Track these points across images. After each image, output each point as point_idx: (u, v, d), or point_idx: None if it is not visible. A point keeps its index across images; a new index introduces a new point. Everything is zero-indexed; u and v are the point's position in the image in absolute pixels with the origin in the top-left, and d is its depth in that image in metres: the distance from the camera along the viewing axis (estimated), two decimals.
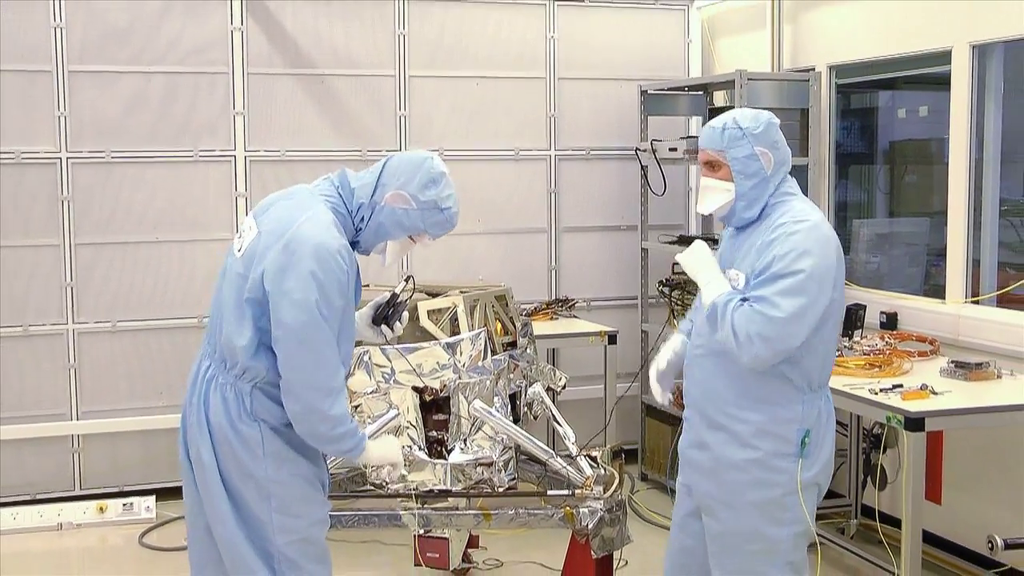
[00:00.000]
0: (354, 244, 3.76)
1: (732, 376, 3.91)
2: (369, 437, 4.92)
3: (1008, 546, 4.41)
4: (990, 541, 4.38)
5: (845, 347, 5.79)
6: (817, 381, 3.90)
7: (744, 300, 3.77)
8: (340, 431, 3.57)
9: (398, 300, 4.16)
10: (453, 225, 3.77)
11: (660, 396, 4.35)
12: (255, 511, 3.65)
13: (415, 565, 5.33)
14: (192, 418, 3.72)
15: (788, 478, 3.87)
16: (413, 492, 5.09)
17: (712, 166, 3.94)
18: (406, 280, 4.31)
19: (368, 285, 4.87)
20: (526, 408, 5.44)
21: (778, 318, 3.67)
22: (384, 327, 4.14)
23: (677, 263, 4.21)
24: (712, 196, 3.95)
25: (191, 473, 3.78)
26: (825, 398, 3.97)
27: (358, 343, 5.05)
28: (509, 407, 5.32)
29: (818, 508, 6.54)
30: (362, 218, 3.70)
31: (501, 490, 5.15)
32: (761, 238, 3.85)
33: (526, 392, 5.42)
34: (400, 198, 3.66)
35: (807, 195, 4.08)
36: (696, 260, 4.01)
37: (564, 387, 5.74)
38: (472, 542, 5.98)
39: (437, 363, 5.12)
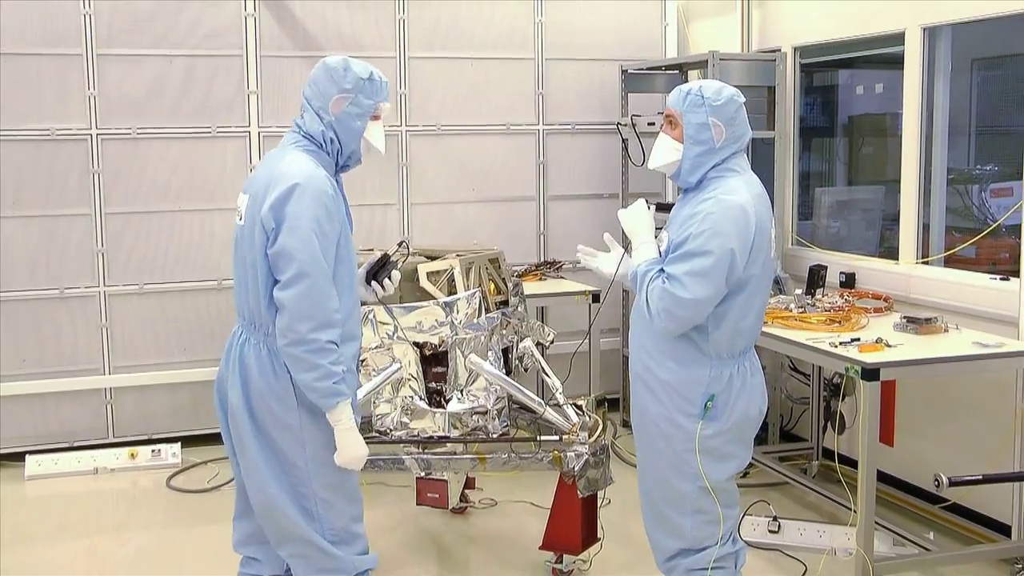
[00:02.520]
0: (345, 167, 3.77)
1: (651, 332, 3.84)
2: (373, 389, 4.99)
3: (952, 483, 4.44)
4: (936, 479, 4.41)
5: (808, 304, 5.79)
6: (727, 350, 3.79)
7: (661, 271, 3.72)
8: (317, 361, 3.46)
9: (389, 260, 4.16)
10: (384, 79, 3.74)
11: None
12: (291, 459, 3.64)
13: (417, 505, 5.36)
14: (229, 379, 3.70)
15: (688, 436, 3.80)
16: (415, 439, 5.13)
17: (671, 123, 3.82)
18: (399, 244, 4.31)
19: (372, 249, 4.87)
20: (517, 361, 5.47)
21: (685, 299, 3.61)
22: (375, 284, 4.13)
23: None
24: (662, 152, 3.85)
25: (228, 429, 3.78)
26: (740, 367, 3.83)
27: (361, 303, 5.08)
28: (502, 360, 5.35)
29: (782, 451, 6.71)
30: (331, 139, 3.67)
31: (495, 436, 5.18)
32: (689, 208, 3.77)
33: (517, 346, 5.44)
34: (339, 101, 3.65)
35: (773, 166, 4.02)
36: (633, 220, 3.94)
37: (552, 342, 5.77)
38: (469, 484, 6.02)
39: (436, 320, 5.14)
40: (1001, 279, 5.48)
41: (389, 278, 4.13)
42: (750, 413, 3.89)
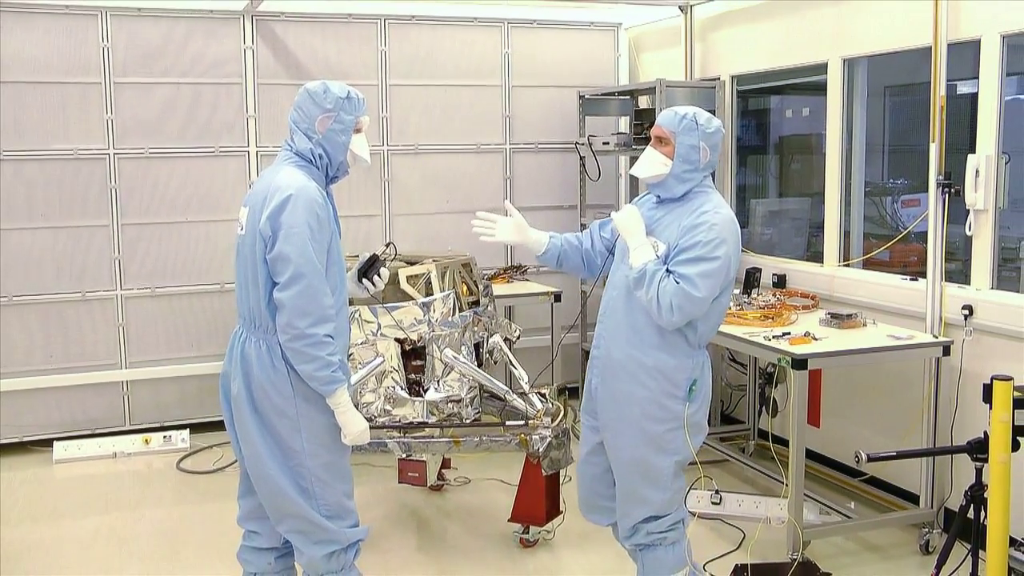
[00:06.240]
0: (335, 178, 3.75)
1: (638, 325, 3.81)
2: (359, 380, 4.98)
3: (870, 459, 4.44)
4: (857, 456, 4.41)
5: (745, 302, 5.81)
6: (705, 340, 3.83)
7: (669, 272, 3.69)
8: (317, 353, 3.46)
9: (378, 259, 4.15)
10: (360, 96, 3.73)
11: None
12: (290, 443, 3.61)
13: (399, 483, 5.33)
14: (232, 374, 3.67)
15: (674, 416, 3.79)
16: (396, 424, 5.13)
17: (661, 141, 3.81)
18: (386, 245, 4.29)
19: (358, 255, 4.86)
20: (488, 355, 5.46)
21: (696, 297, 3.62)
22: (367, 282, 4.12)
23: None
24: (650, 164, 3.82)
25: (232, 420, 3.75)
26: (705, 354, 3.87)
27: (350, 302, 5.06)
28: (474, 354, 5.34)
29: (722, 432, 6.74)
30: (320, 155, 3.66)
31: (468, 422, 5.18)
32: (686, 219, 3.74)
33: (487, 341, 5.44)
34: (324, 120, 3.64)
35: (713, 180, 4.00)
36: (629, 222, 3.85)
37: (518, 337, 5.77)
38: (445, 464, 6.02)
39: (415, 319, 5.13)
40: (911, 280, 5.52)
41: (378, 275, 4.11)
42: (710, 390, 3.95)
